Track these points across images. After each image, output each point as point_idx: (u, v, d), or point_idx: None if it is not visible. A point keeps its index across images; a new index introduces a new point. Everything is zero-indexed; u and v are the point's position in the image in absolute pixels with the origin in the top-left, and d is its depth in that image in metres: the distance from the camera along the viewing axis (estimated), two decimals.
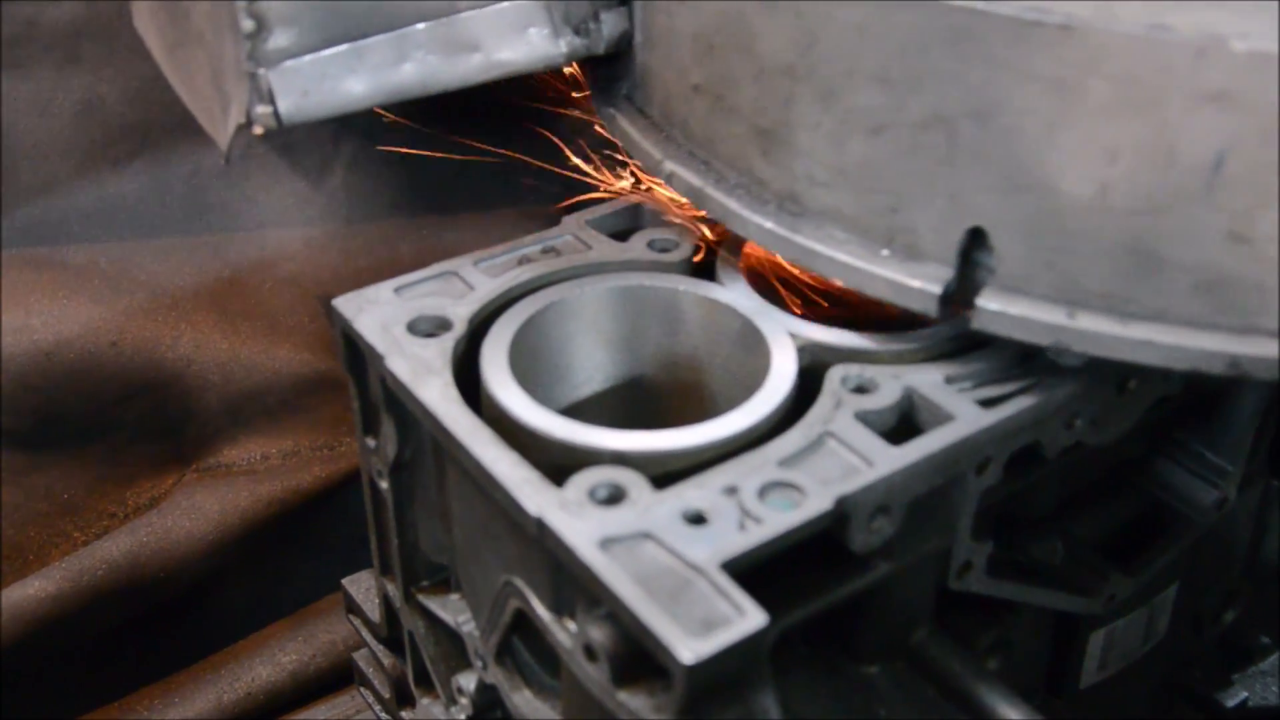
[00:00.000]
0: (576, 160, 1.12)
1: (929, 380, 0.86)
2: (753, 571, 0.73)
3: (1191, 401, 1.06)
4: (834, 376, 0.86)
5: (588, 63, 1.04)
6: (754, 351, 0.92)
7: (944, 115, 0.78)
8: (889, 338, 0.90)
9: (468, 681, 0.99)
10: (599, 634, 0.73)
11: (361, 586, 1.16)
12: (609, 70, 1.04)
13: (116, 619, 1.52)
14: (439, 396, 0.85)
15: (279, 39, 0.88)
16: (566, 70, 1.07)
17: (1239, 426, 1.07)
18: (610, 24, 0.98)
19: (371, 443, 0.98)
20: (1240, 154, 0.71)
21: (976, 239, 0.80)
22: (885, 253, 0.84)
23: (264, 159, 1.55)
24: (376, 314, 0.93)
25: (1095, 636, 1.12)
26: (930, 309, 0.82)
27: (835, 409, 0.83)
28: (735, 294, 0.96)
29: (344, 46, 0.90)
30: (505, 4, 0.94)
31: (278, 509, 1.55)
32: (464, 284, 0.97)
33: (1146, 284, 0.76)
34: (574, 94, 1.10)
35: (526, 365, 0.93)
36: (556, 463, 0.80)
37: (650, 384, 1.04)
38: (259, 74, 0.88)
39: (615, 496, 0.76)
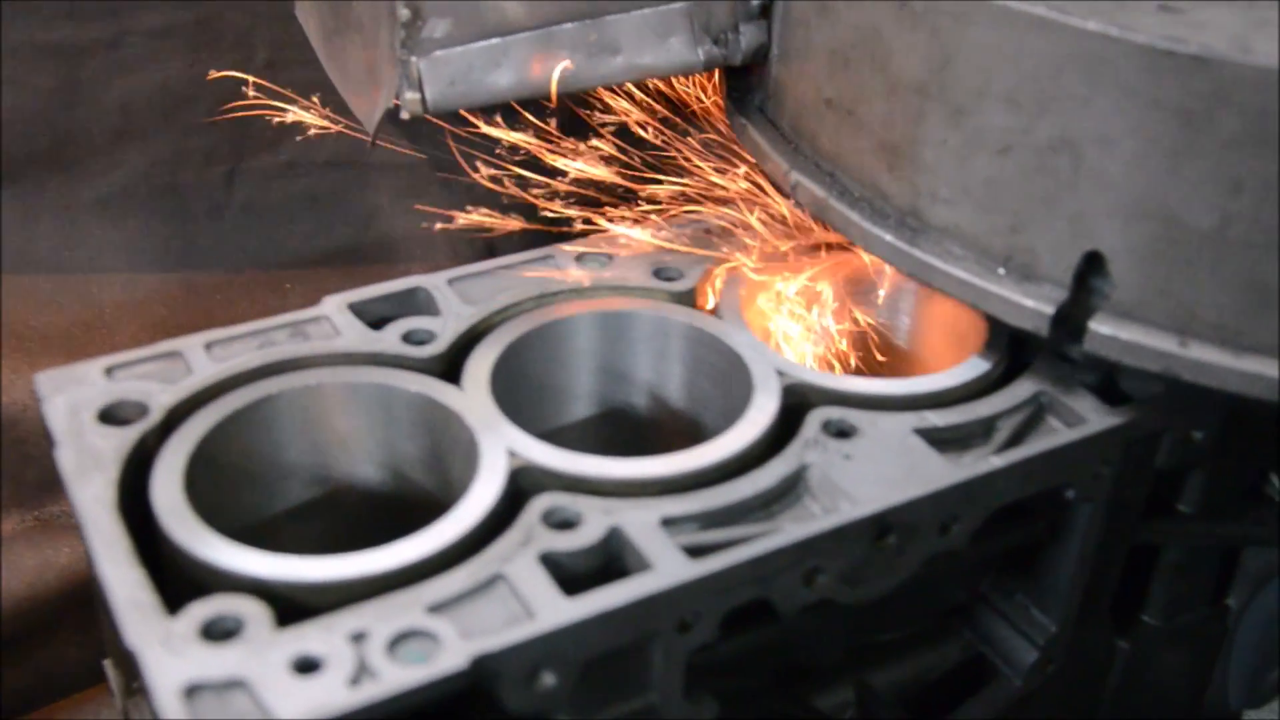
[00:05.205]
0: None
1: (642, 519, 0.75)
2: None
3: (1016, 548, 0.96)
4: (535, 507, 0.76)
5: (724, 72, 1.08)
6: (474, 469, 0.81)
7: (1071, 139, 0.80)
8: (610, 463, 0.80)
9: None
10: None
11: None
12: (743, 81, 1.07)
13: None
14: (92, 497, 0.76)
15: (432, 29, 0.92)
16: None
17: (1063, 581, 0.96)
18: (749, 36, 1.01)
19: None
20: None
21: (1093, 263, 0.82)
22: (1001, 271, 0.86)
23: (146, 198, 1.47)
24: (73, 395, 0.84)
25: None
26: (1042, 329, 0.83)
27: (521, 546, 0.73)
28: (471, 401, 0.85)
29: (493, 40, 0.94)
30: (649, 10, 0.97)
31: None
32: (185, 366, 0.88)
33: (1262, 318, 0.77)
34: None
35: (239, 464, 0.84)
36: (206, 585, 0.72)
37: (372, 493, 0.93)
38: (410, 61, 0.92)
39: (230, 632, 0.67)
